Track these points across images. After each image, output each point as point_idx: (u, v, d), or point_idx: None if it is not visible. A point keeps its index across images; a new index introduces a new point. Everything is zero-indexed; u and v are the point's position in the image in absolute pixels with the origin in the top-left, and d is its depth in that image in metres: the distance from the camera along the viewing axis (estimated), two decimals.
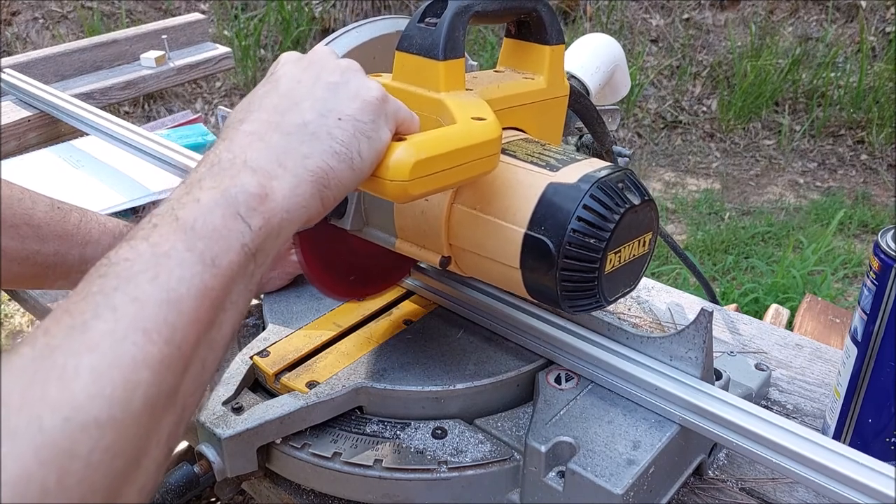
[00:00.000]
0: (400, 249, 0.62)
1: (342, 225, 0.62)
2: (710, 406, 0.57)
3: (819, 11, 3.95)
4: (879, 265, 0.61)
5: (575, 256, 0.52)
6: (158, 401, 0.35)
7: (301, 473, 0.63)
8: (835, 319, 1.69)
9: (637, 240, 0.56)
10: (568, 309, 0.55)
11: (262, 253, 0.41)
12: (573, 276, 0.53)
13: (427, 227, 0.59)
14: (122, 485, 0.34)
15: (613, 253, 0.53)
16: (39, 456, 0.30)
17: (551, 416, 0.60)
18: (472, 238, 0.57)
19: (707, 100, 3.87)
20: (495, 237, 0.55)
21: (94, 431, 0.32)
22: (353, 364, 0.66)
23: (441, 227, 0.58)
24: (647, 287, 0.94)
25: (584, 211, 0.52)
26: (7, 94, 1.37)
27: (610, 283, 0.55)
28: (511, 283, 0.57)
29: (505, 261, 0.55)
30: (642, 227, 0.56)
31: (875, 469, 0.51)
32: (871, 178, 3.39)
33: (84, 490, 0.32)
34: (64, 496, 0.31)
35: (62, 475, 0.31)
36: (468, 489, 0.60)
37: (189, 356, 0.37)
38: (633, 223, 0.54)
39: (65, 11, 3.74)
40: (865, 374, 0.64)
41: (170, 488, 0.60)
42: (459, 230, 0.57)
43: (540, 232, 0.53)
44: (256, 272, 0.42)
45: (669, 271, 2.54)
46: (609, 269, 0.54)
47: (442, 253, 0.59)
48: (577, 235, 0.52)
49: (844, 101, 3.65)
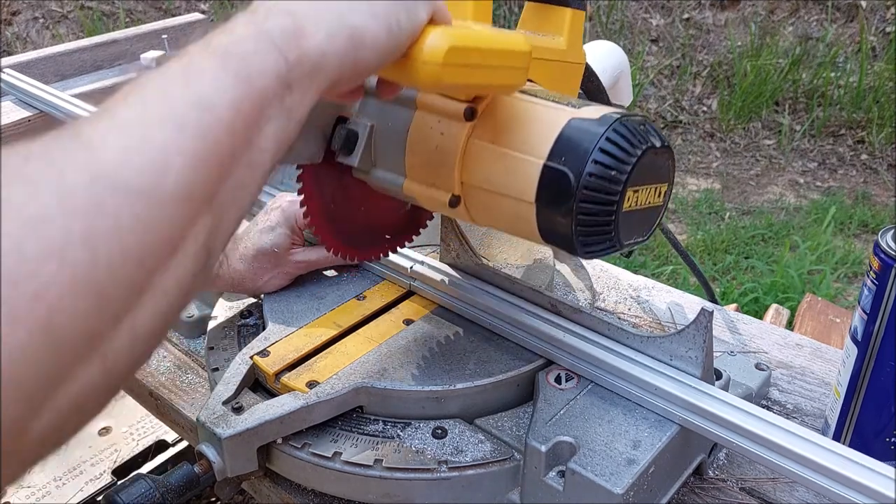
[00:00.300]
0: (407, 191, 0.60)
1: (350, 162, 0.61)
2: (710, 406, 0.57)
3: (819, 11, 3.95)
4: (879, 265, 0.61)
5: (595, 187, 0.51)
6: (193, 193, 0.34)
7: (301, 473, 0.63)
8: (835, 319, 1.69)
9: (655, 186, 0.55)
10: (580, 250, 0.53)
11: (297, 88, 0.41)
12: (591, 210, 0.51)
13: (440, 162, 0.57)
14: (157, 266, 0.33)
15: (632, 191, 0.52)
16: (62, 203, 0.29)
17: (551, 415, 0.60)
18: (488, 173, 0.55)
19: (707, 99, 3.87)
20: (513, 170, 0.54)
21: (123, 197, 0.31)
22: (354, 364, 0.66)
23: (455, 162, 0.56)
24: (647, 287, 0.94)
25: (607, 143, 0.51)
26: (7, 94, 1.37)
27: (626, 226, 0.53)
28: (522, 223, 0.55)
29: (520, 195, 0.54)
30: (661, 174, 0.55)
31: (875, 470, 0.51)
32: (871, 178, 3.39)
33: (113, 251, 0.30)
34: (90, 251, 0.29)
35: (87, 228, 0.29)
36: (468, 489, 0.60)
37: (225, 163, 0.36)
38: (652, 165, 0.53)
39: (65, 11, 3.74)
40: (865, 374, 0.64)
41: (170, 488, 0.60)
42: (475, 165, 0.56)
43: (560, 163, 0.51)
44: (293, 110, 0.41)
45: (669, 271, 2.54)
46: (627, 208, 0.52)
47: (452, 191, 0.57)
48: (599, 167, 0.50)
49: (844, 101, 3.65)
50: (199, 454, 0.61)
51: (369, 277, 0.81)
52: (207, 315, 0.82)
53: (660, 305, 0.90)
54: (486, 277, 0.73)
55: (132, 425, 1.59)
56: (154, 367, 0.82)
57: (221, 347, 0.75)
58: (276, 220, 0.77)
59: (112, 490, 0.58)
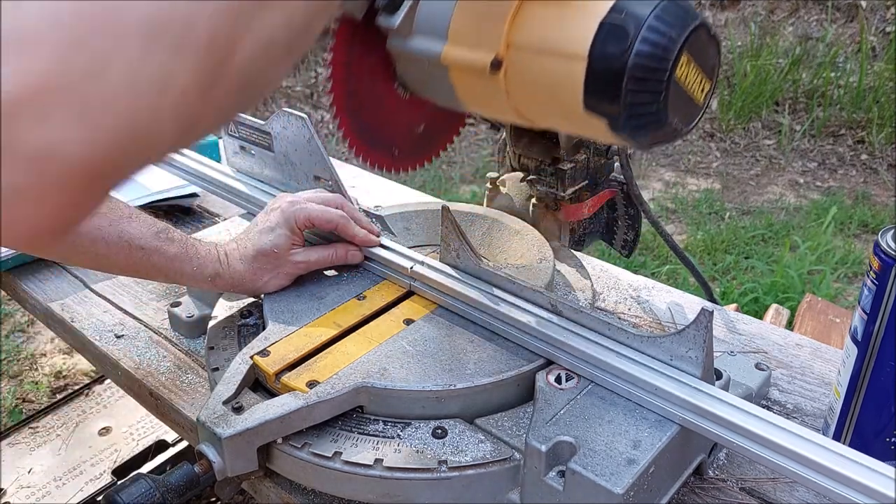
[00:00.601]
0: (447, 56, 0.59)
1: (390, 24, 0.61)
2: (710, 406, 0.57)
3: (819, 11, 3.95)
4: (879, 265, 0.61)
5: (653, 42, 0.50)
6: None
7: (301, 473, 0.63)
8: (835, 319, 1.69)
9: (701, 74, 0.54)
10: (625, 116, 0.52)
11: None
12: (646, 66, 0.50)
13: (489, 19, 0.56)
14: None
15: (686, 59, 0.51)
16: None
17: (551, 415, 0.60)
18: (539, 27, 0.54)
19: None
20: (567, 24, 0.53)
21: None
22: (354, 363, 0.66)
23: (508, 14, 0.55)
24: (647, 287, 0.94)
25: (669, 3, 0.50)
26: None
27: (674, 100, 0.52)
28: (567, 87, 0.53)
29: (572, 49, 0.52)
30: (708, 64, 0.54)
31: (875, 469, 0.51)
32: (871, 178, 3.39)
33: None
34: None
35: None
36: (468, 489, 0.60)
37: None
38: (704, 47, 0.53)
39: None
40: (865, 374, 0.64)
41: (170, 488, 0.60)
42: (526, 19, 0.55)
43: (618, 19, 0.51)
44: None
45: (669, 271, 2.54)
46: (678, 77, 0.51)
47: (497, 52, 0.56)
48: (660, 23, 0.50)
49: (844, 101, 3.65)
50: (199, 454, 0.61)
51: (369, 277, 0.81)
52: (207, 315, 0.82)
53: (660, 305, 0.90)
54: (486, 277, 0.73)
55: (132, 425, 1.59)
56: (154, 367, 0.82)
57: (221, 347, 0.75)
58: (275, 221, 0.77)
59: (112, 490, 0.58)
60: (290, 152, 0.88)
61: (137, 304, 0.94)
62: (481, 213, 0.91)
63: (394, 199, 1.11)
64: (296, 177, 0.90)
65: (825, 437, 0.55)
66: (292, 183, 0.91)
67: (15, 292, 1.02)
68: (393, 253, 0.80)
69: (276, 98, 3.76)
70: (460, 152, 3.61)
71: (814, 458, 0.52)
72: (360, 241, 0.80)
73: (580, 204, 0.99)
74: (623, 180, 0.95)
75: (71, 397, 1.69)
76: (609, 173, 1.02)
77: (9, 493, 1.43)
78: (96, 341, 0.87)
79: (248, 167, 0.97)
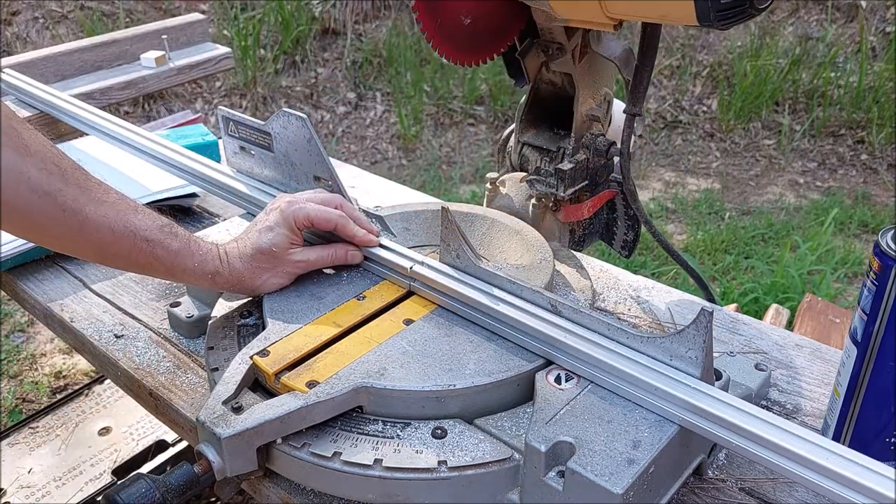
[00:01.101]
0: None
1: None
2: (709, 406, 0.57)
3: (819, 11, 3.95)
4: (879, 265, 0.61)
5: None
6: None
7: (301, 473, 0.63)
8: (835, 319, 1.69)
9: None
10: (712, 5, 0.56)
11: None
12: None
13: None
14: None
15: None
16: None
17: (551, 415, 0.60)
18: None
19: (707, 100, 3.87)
20: None
21: None
22: (353, 364, 0.66)
23: None
24: (647, 287, 0.94)
25: None
26: (7, 94, 1.37)
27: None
28: None
29: None
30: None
31: (874, 470, 0.51)
32: (871, 178, 3.39)
33: None
34: None
35: None
36: (468, 489, 0.60)
37: None
38: None
39: (65, 11, 3.74)
40: (865, 374, 0.64)
41: (170, 488, 0.60)
42: None
43: None
44: None
45: (669, 271, 2.54)
46: None
47: None
48: None
49: (844, 101, 3.65)
50: (198, 454, 0.61)
51: (369, 277, 0.81)
52: (207, 315, 0.82)
53: (660, 305, 0.90)
54: (485, 277, 0.73)
55: (132, 425, 1.59)
56: (153, 367, 0.82)
57: (221, 347, 0.75)
58: (274, 221, 0.77)
59: (112, 490, 0.58)
60: (289, 152, 0.88)
61: (137, 305, 0.94)
62: (481, 213, 0.91)
63: (394, 199, 1.11)
64: (296, 177, 0.90)
65: (825, 437, 0.55)
66: (292, 183, 0.91)
67: (14, 292, 1.02)
68: (393, 253, 0.79)
69: (276, 98, 3.77)
70: (460, 152, 3.61)
71: (813, 459, 0.52)
72: (359, 240, 0.80)
73: (580, 204, 0.99)
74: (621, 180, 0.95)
75: (71, 397, 1.69)
76: (609, 174, 1.02)
77: (9, 493, 1.43)
78: (96, 341, 0.87)
79: (248, 167, 0.97)
